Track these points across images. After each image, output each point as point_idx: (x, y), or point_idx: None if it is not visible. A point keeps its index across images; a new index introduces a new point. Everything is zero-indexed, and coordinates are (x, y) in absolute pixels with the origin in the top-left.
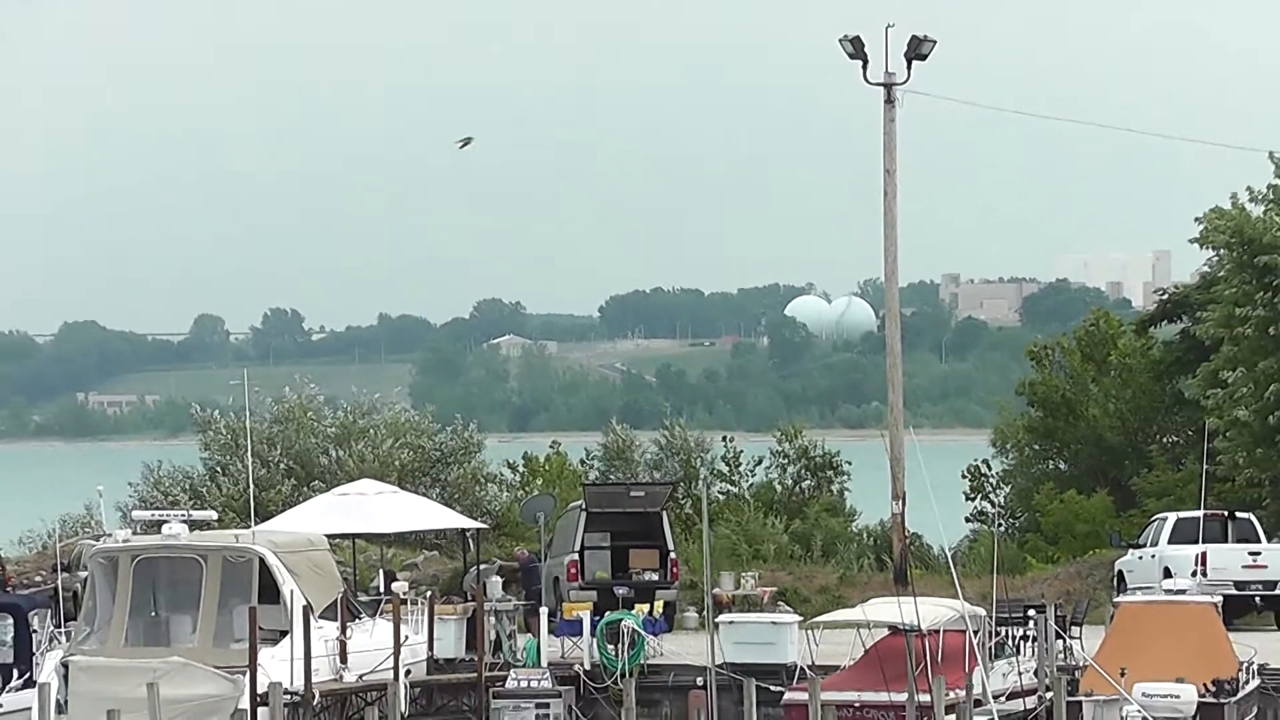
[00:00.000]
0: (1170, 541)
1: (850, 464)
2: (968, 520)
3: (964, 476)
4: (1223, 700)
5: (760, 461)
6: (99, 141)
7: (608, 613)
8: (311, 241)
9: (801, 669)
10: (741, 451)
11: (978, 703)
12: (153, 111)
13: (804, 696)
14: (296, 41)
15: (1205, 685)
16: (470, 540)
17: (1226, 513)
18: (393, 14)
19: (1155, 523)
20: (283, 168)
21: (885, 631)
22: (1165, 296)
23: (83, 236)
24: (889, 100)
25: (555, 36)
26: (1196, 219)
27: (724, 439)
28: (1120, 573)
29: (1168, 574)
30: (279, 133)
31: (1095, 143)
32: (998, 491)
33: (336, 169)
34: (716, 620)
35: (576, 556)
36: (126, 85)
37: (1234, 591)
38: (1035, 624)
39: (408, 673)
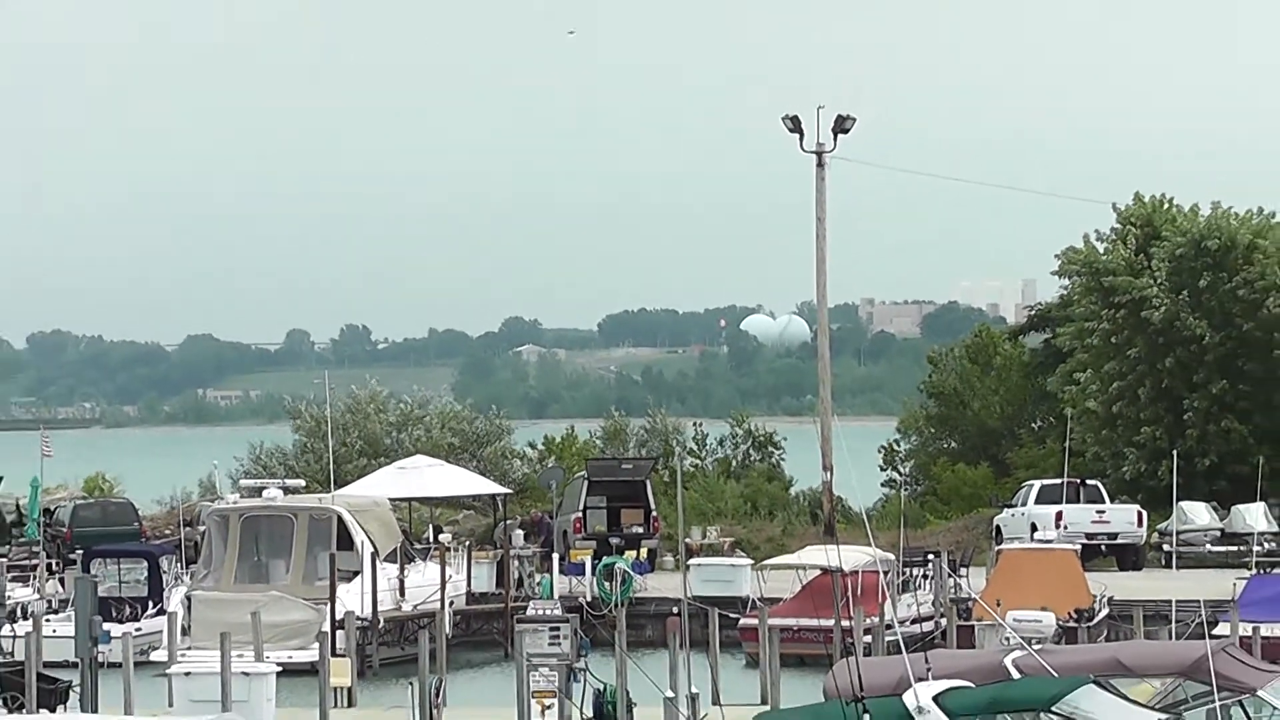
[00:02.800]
0: (1036, 502)
1: (786, 440)
2: (881, 486)
3: (878, 453)
4: (1081, 624)
5: (721, 441)
6: (205, 176)
7: (604, 557)
8: (376, 267)
9: (753, 601)
10: (707, 435)
11: (888, 627)
12: (255, 143)
13: (755, 622)
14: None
15: (1069, 613)
16: (499, 502)
17: (1079, 480)
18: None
19: (1025, 488)
20: (351, 199)
21: (817, 572)
22: (1033, 312)
23: (197, 262)
24: (819, 165)
25: (559, 101)
26: (1056, 255)
27: (694, 424)
28: (998, 527)
29: (1034, 528)
30: (346, 167)
31: (977, 193)
32: (904, 464)
33: (390, 198)
34: (688, 563)
35: (581, 514)
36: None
37: (1086, 541)
38: (932, 566)
39: (451, 604)
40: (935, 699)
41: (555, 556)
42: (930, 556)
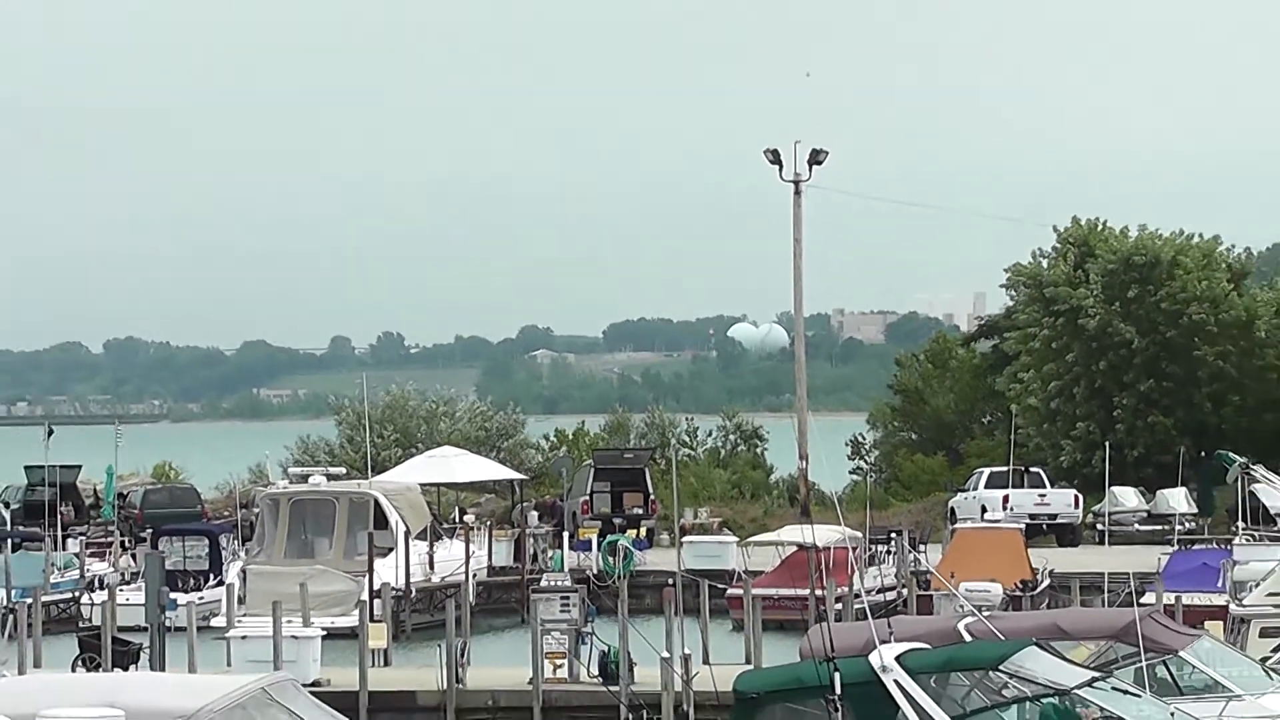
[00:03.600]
0: (986, 487)
1: (768, 433)
2: (849, 473)
3: (847, 444)
4: (1025, 594)
5: (711, 434)
6: (258, 197)
7: (609, 535)
8: (409, 280)
9: (739, 573)
10: (699, 429)
11: (856, 596)
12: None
13: (740, 592)
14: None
15: (1014, 584)
16: (516, 487)
17: (1024, 468)
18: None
19: (975, 475)
20: (388, 217)
21: (794, 548)
22: (983, 321)
23: (251, 276)
24: (797, 193)
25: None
26: (1004, 270)
27: (687, 419)
28: (952, 509)
29: (984, 510)
30: (382, 189)
31: (935, 216)
32: (870, 454)
33: (423, 220)
34: (681, 540)
35: (588, 498)
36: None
37: (1029, 521)
38: (895, 543)
39: (474, 576)
40: (897, 659)
41: (565, 535)
42: (893, 535)
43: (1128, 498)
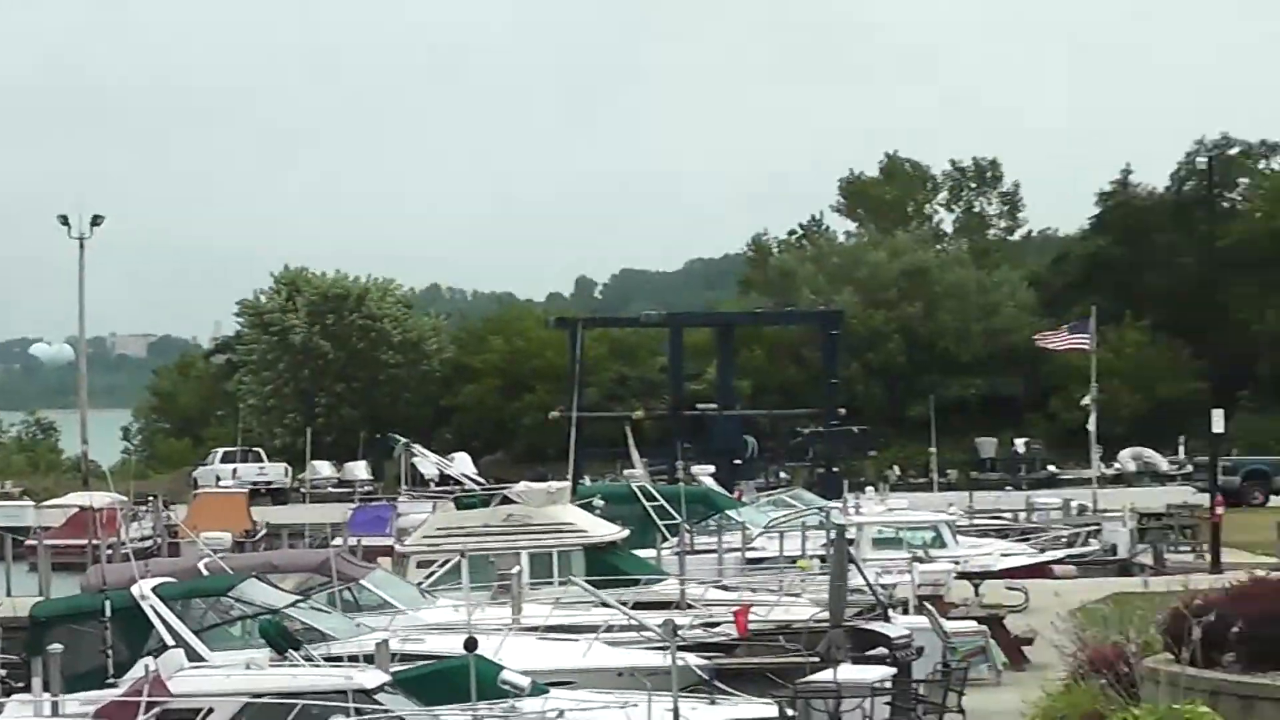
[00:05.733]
0: (221, 462)
1: (62, 426)
2: (121, 453)
3: (120, 430)
4: (248, 541)
5: (13, 426)
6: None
7: None
8: None
9: (34, 529)
10: (6, 423)
11: (123, 544)
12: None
13: (36, 542)
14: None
15: (241, 533)
16: None
17: (248, 448)
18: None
19: (212, 453)
20: None
21: (77, 509)
22: (218, 341)
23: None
24: (81, 248)
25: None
26: (235, 302)
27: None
28: (195, 478)
29: (218, 479)
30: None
31: (188, 259)
32: (135, 438)
33: None
34: None
35: None
36: None
37: (252, 487)
38: (152, 504)
39: None
40: (153, 589)
41: None
42: (150, 498)
43: (324, 468)
